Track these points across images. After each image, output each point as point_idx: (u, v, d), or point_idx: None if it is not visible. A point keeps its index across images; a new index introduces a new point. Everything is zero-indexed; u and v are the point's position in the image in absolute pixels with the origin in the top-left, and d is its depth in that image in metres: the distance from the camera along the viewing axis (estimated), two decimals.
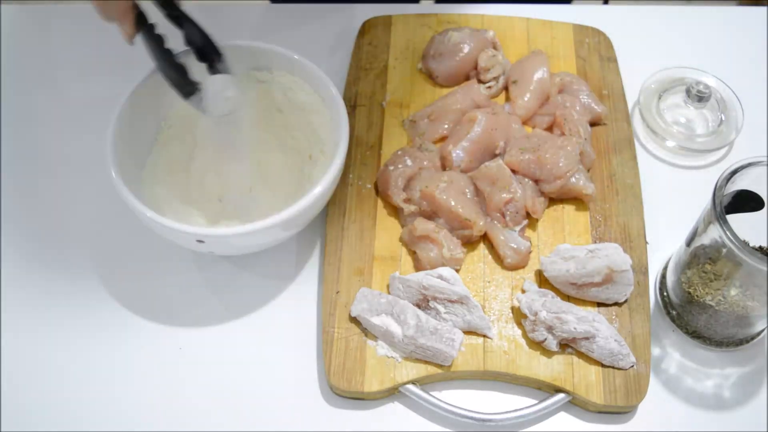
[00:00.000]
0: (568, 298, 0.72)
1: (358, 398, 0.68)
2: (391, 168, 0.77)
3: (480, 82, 0.86)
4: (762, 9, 0.98)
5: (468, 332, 0.70)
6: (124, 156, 0.71)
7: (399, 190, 0.76)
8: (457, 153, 0.78)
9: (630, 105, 0.87)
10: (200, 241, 0.66)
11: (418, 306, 0.70)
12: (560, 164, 0.75)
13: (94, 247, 0.78)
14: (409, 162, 0.78)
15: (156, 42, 0.69)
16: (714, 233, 0.63)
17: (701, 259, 0.67)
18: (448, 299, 0.69)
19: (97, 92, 0.87)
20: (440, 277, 0.70)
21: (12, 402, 0.69)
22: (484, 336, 0.69)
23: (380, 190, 0.78)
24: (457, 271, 0.72)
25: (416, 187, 0.75)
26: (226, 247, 0.70)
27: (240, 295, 0.75)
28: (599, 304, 0.71)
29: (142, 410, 0.69)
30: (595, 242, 0.75)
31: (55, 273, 0.76)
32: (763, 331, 0.72)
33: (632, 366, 0.68)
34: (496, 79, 0.86)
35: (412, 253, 0.74)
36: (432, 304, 0.70)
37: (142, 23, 0.68)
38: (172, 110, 0.78)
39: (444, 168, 0.79)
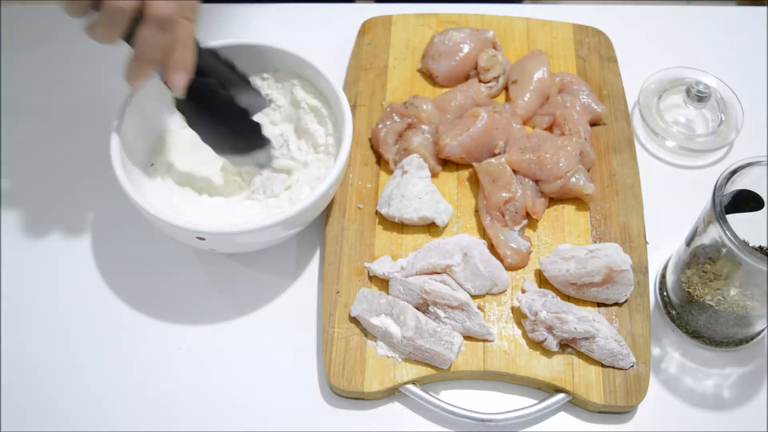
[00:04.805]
0: (568, 298, 0.72)
1: (358, 398, 0.68)
2: (380, 126, 0.81)
3: (480, 82, 0.86)
4: (762, 9, 0.98)
5: (468, 337, 0.70)
6: (128, 153, 0.71)
7: (390, 146, 0.80)
8: (452, 146, 0.78)
9: (630, 105, 0.87)
10: (201, 239, 0.66)
11: (418, 309, 0.70)
12: (560, 164, 0.75)
13: (96, 244, 0.78)
14: (396, 118, 0.81)
15: (224, 100, 0.68)
16: (714, 233, 0.63)
17: (701, 259, 0.67)
18: (449, 305, 0.69)
19: (99, 90, 0.88)
20: (443, 281, 0.71)
21: (12, 402, 0.69)
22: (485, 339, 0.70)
23: (374, 147, 0.81)
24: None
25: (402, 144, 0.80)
26: (227, 244, 0.70)
27: (240, 293, 0.75)
28: (599, 304, 0.71)
29: (141, 410, 0.69)
30: (595, 242, 0.75)
31: (55, 269, 0.76)
32: (763, 331, 0.72)
33: (632, 366, 0.68)
34: (496, 79, 0.86)
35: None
36: (432, 308, 0.70)
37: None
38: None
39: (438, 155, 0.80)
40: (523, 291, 0.72)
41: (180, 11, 0.60)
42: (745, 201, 0.67)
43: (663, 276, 0.75)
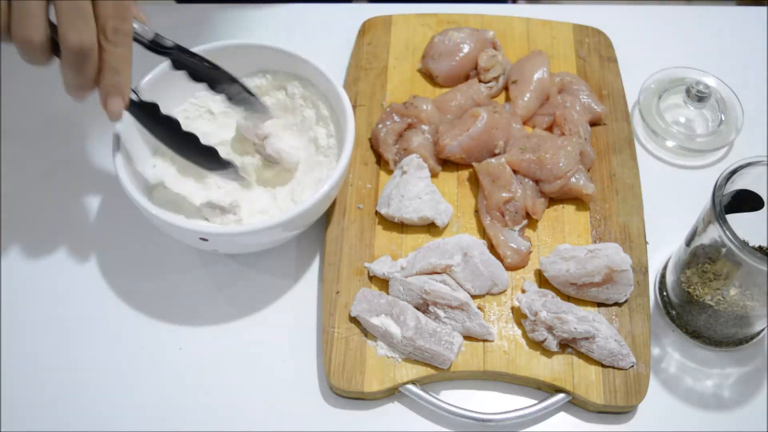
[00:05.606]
0: (568, 298, 0.72)
1: (358, 398, 0.68)
2: (380, 126, 0.81)
3: (480, 82, 0.86)
4: (762, 9, 0.98)
5: (468, 337, 0.70)
6: (130, 154, 0.71)
7: (390, 146, 0.80)
8: (452, 146, 0.78)
9: (630, 105, 0.87)
10: (204, 239, 0.66)
11: (418, 309, 0.70)
12: (560, 164, 0.75)
13: (98, 245, 0.78)
14: (396, 118, 0.81)
15: (170, 127, 0.67)
16: (713, 233, 0.64)
17: (701, 259, 0.67)
18: (449, 305, 0.69)
19: None
20: (443, 281, 0.71)
21: (12, 401, 0.69)
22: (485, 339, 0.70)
23: (374, 147, 0.81)
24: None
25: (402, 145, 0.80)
26: (229, 245, 0.70)
27: (240, 294, 0.75)
28: (599, 304, 0.71)
29: (142, 409, 0.69)
30: (595, 242, 0.75)
31: (57, 270, 0.76)
32: (762, 330, 0.72)
33: (632, 366, 0.68)
34: (496, 79, 0.86)
35: None
36: (432, 308, 0.70)
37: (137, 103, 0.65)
38: (179, 107, 0.78)
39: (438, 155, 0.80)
40: (523, 291, 0.72)
41: (102, 38, 0.59)
42: (745, 201, 0.67)
43: (663, 276, 0.75)
